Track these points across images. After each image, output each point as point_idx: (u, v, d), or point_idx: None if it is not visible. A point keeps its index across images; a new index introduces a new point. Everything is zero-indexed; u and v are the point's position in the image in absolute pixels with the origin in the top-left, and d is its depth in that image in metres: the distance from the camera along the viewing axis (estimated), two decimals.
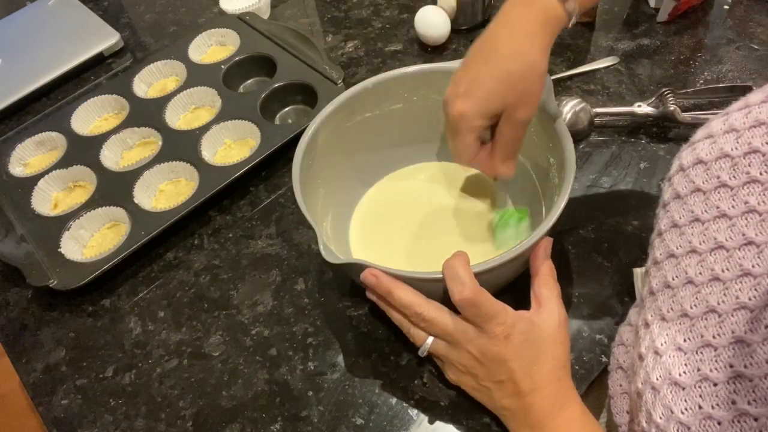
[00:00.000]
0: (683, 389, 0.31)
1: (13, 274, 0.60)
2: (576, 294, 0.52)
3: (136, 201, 0.62)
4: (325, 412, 0.48)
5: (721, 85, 0.65)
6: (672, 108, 0.61)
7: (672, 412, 0.31)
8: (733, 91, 0.64)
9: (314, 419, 0.48)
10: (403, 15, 0.83)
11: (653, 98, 0.63)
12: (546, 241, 0.45)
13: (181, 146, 0.66)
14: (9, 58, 0.84)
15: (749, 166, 0.32)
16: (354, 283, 0.53)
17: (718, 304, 0.31)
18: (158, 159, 0.65)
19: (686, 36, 0.73)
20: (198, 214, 0.62)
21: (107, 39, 0.84)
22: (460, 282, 0.39)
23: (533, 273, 0.45)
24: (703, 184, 0.35)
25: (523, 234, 0.53)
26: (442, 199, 0.58)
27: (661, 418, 0.31)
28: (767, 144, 0.32)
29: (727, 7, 0.76)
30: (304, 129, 0.51)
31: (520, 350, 0.40)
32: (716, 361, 0.30)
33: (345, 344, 0.52)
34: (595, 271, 0.53)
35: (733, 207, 0.32)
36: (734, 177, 0.33)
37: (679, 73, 0.69)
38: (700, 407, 0.30)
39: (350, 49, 0.80)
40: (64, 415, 0.51)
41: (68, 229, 0.61)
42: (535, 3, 0.42)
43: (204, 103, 0.73)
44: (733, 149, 0.33)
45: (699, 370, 0.30)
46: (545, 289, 0.43)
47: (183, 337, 0.54)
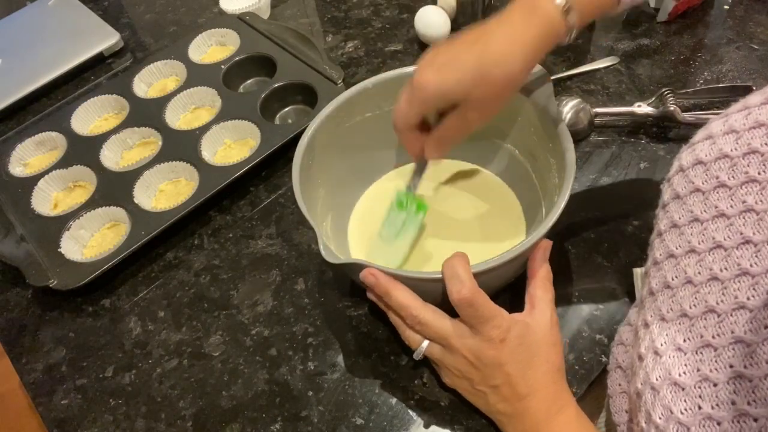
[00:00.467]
0: (683, 389, 0.31)
1: (13, 274, 0.60)
2: (576, 294, 0.52)
3: (136, 201, 0.62)
4: (325, 412, 0.48)
5: (721, 85, 0.65)
6: (672, 108, 0.61)
7: (671, 413, 0.31)
8: (733, 91, 0.64)
9: (314, 419, 0.48)
10: (403, 15, 0.83)
11: (653, 98, 0.63)
12: (545, 243, 0.44)
13: (181, 146, 0.66)
14: (9, 58, 0.84)
15: (748, 166, 0.32)
16: (354, 283, 0.53)
17: (717, 304, 0.31)
18: (158, 159, 0.65)
19: (686, 36, 0.73)
20: (198, 214, 0.62)
21: (107, 39, 0.84)
22: (459, 281, 0.39)
23: (530, 275, 0.44)
24: (703, 184, 0.35)
25: (411, 226, 0.52)
26: (442, 198, 0.58)
27: (660, 419, 0.31)
28: (767, 145, 0.32)
29: (727, 7, 0.76)
30: (304, 129, 0.51)
31: (516, 354, 0.40)
32: (716, 362, 0.30)
33: (345, 344, 0.52)
34: (595, 271, 0.53)
35: (731, 206, 0.32)
36: (733, 177, 0.33)
37: (679, 73, 0.69)
38: (700, 407, 0.30)
39: (350, 49, 0.80)
40: (64, 415, 0.51)
41: (68, 229, 0.61)
42: (538, 12, 0.41)
43: (204, 103, 0.73)
44: (732, 150, 0.33)
45: (699, 371, 0.30)
46: (540, 291, 0.43)
47: (183, 337, 0.54)
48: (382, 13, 0.84)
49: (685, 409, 0.30)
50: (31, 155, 0.71)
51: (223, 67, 0.74)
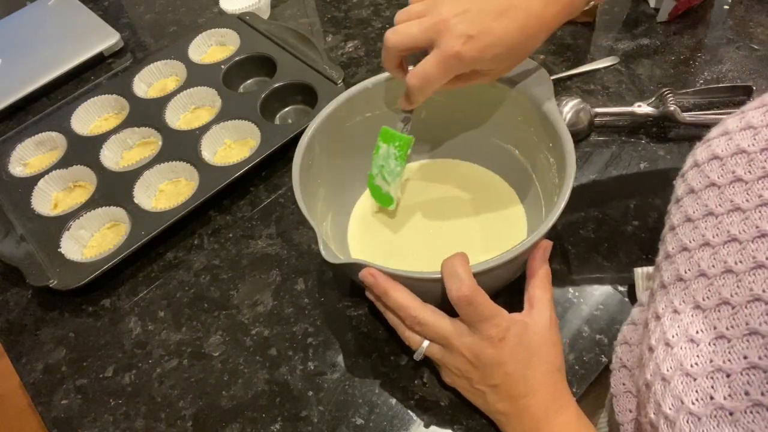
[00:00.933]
0: (695, 380, 0.31)
1: (13, 274, 0.60)
2: (576, 294, 0.52)
3: (136, 201, 0.62)
4: (325, 412, 0.48)
5: (721, 85, 0.65)
6: (672, 108, 0.61)
7: (682, 403, 0.31)
8: (733, 91, 0.64)
9: (314, 419, 0.48)
10: None
11: (653, 98, 0.63)
12: (545, 244, 0.44)
13: (181, 146, 0.66)
14: (9, 58, 0.84)
15: (765, 161, 0.32)
16: (354, 283, 0.53)
17: (731, 296, 0.31)
18: (158, 159, 0.65)
19: (686, 36, 0.73)
20: (198, 214, 0.62)
21: (107, 39, 0.84)
22: (459, 279, 0.39)
23: (529, 275, 0.44)
24: (718, 179, 0.35)
25: (392, 160, 0.52)
26: (441, 198, 0.58)
27: (670, 409, 0.31)
28: None
29: (727, 7, 0.76)
30: (304, 129, 0.51)
31: (515, 353, 0.40)
32: (730, 353, 0.30)
33: (345, 344, 0.52)
34: (595, 271, 0.53)
35: (747, 201, 0.32)
36: (750, 172, 0.33)
37: (679, 73, 0.69)
38: (712, 398, 0.29)
39: (350, 49, 0.80)
40: (64, 415, 0.51)
41: (68, 229, 0.61)
42: None
43: (204, 103, 0.73)
44: (749, 145, 0.33)
45: (712, 362, 0.30)
46: (539, 291, 0.43)
47: (183, 337, 0.54)
48: (382, 13, 0.84)
49: (697, 400, 0.30)
50: (31, 155, 0.71)
51: (223, 67, 0.74)
